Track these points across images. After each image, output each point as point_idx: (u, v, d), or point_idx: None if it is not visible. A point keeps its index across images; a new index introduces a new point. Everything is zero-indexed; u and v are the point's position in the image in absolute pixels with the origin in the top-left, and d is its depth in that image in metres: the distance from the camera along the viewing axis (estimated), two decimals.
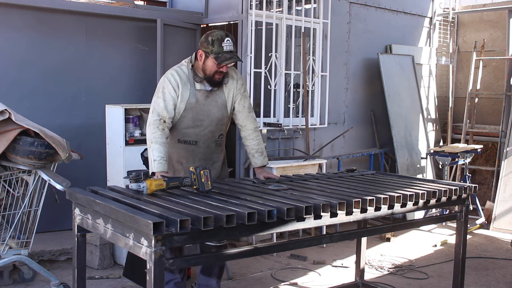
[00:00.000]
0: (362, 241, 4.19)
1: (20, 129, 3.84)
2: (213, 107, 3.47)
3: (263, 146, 3.69)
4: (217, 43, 3.30)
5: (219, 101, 3.49)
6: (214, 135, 3.52)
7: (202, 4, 6.28)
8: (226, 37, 3.31)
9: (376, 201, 2.87)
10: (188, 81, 3.40)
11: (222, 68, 3.35)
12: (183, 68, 3.46)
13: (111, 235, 2.49)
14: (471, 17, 8.07)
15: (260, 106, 5.94)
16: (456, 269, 3.62)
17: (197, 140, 3.48)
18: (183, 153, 3.50)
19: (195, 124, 3.44)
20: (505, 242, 6.03)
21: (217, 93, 3.49)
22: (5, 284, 4.23)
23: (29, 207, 4.07)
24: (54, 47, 5.40)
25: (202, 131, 3.47)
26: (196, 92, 3.41)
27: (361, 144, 6.98)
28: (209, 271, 3.65)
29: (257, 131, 3.67)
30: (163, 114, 3.34)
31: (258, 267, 4.96)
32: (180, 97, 3.37)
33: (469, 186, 3.48)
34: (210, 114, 3.46)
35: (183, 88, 3.38)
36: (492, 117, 7.73)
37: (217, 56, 3.30)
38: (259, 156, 3.64)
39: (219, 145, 3.59)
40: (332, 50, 6.44)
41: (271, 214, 2.46)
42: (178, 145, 3.50)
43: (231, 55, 3.32)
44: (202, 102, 3.43)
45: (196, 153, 3.49)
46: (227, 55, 3.30)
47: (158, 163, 3.20)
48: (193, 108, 3.41)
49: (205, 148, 3.51)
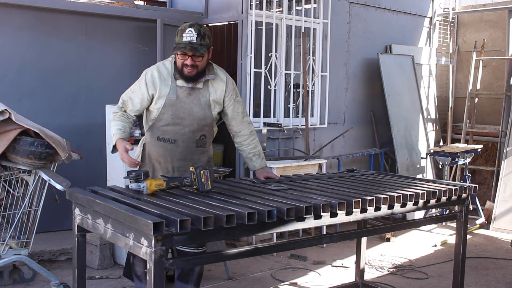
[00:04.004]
0: (362, 241, 4.19)
1: (20, 129, 3.84)
2: (195, 106, 3.34)
3: (260, 149, 3.61)
4: (179, 34, 3.20)
5: (202, 100, 3.36)
6: (195, 135, 3.38)
7: (202, 4, 6.28)
8: (189, 27, 3.18)
9: (376, 201, 2.87)
10: (170, 77, 3.30)
11: (185, 60, 3.19)
12: (166, 63, 3.36)
13: (111, 235, 2.49)
14: (471, 17, 8.07)
15: (260, 106, 5.94)
16: (456, 269, 3.62)
17: (176, 139, 3.36)
18: (162, 152, 3.39)
19: (174, 121, 3.33)
20: (505, 242, 6.03)
21: (201, 92, 3.35)
22: (5, 284, 4.23)
23: (29, 207, 4.07)
24: (54, 47, 5.40)
25: (181, 130, 3.35)
26: (177, 89, 3.30)
27: (361, 144, 6.98)
28: (186, 278, 3.45)
29: (253, 135, 3.58)
30: (126, 104, 3.35)
31: (258, 267, 4.96)
32: (157, 94, 3.28)
33: (469, 186, 3.48)
34: (192, 113, 3.34)
35: (161, 84, 3.28)
36: (492, 117, 7.73)
37: (175, 46, 3.20)
38: (256, 159, 3.56)
39: (201, 146, 3.43)
40: (332, 50, 6.44)
41: (271, 214, 2.46)
42: (157, 143, 3.39)
43: (187, 45, 3.15)
44: (183, 99, 3.31)
45: (174, 152, 3.38)
46: (181, 45, 3.16)
47: (116, 134, 3.22)
48: (173, 104, 3.30)
49: (184, 148, 3.38)
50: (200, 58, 3.21)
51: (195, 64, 3.21)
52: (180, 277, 3.49)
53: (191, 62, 3.20)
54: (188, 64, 3.20)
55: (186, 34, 3.16)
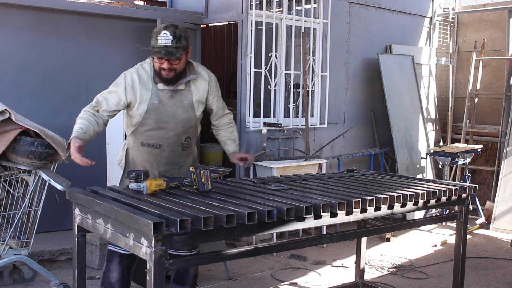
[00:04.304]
0: (362, 241, 4.19)
1: (20, 129, 3.84)
2: (179, 108, 3.24)
3: (236, 135, 3.61)
4: (154, 36, 3.09)
5: (185, 102, 3.26)
6: (180, 138, 3.30)
7: (202, 4, 6.28)
8: (164, 29, 3.06)
9: (376, 201, 2.87)
10: (150, 81, 3.18)
11: (162, 64, 3.09)
12: (145, 66, 3.24)
13: (111, 235, 2.49)
14: (471, 17, 8.07)
15: (260, 106, 5.94)
16: (456, 269, 3.62)
17: (161, 144, 3.27)
18: (147, 157, 3.30)
19: (158, 126, 3.23)
20: (505, 242, 6.03)
21: (184, 93, 3.25)
22: (5, 284, 4.23)
23: (29, 207, 4.07)
24: (54, 47, 5.40)
25: (166, 134, 3.25)
26: (159, 92, 3.19)
27: (361, 144, 6.98)
28: (182, 280, 3.41)
29: (231, 124, 3.59)
30: (100, 104, 3.20)
31: (258, 267, 4.96)
32: (138, 99, 3.16)
33: (469, 186, 3.48)
34: (175, 116, 3.24)
35: (142, 89, 3.16)
36: (492, 117, 7.73)
37: (150, 49, 3.09)
38: (231, 143, 3.57)
39: (186, 148, 3.37)
40: (332, 50, 6.44)
41: (271, 214, 2.46)
42: (141, 148, 3.31)
43: (163, 49, 3.03)
44: (166, 102, 3.20)
45: (160, 157, 3.29)
46: (156, 49, 3.05)
47: (75, 132, 3.04)
48: (156, 109, 3.19)
49: (170, 152, 3.30)
50: (178, 61, 3.10)
51: (172, 67, 3.11)
52: (175, 279, 3.44)
53: (169, 66, 3.10)
54: (166, 67, 3.10)
55: (161, 37, 3.05)
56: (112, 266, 3.34)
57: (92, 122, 3.14)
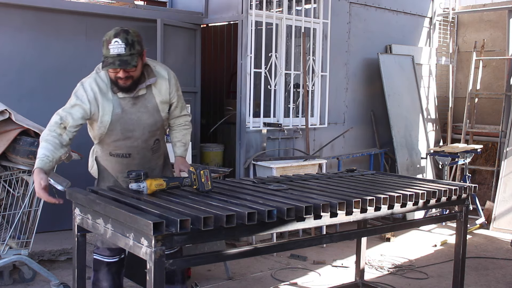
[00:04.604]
0: (362, 241, 4.19)
1: (20, 129, 3.85)
2: (143, 114, 3.09)
3: (188, 139, 3.42)
4: (105, 45, 2.88)
5: (149, 106, 3.10)
6: (149, 143, 3.19)
7: (202, 4, 6.28)
8: (114, 37, 2.85)
9: (376, 201, 2.87)
10: (109, 90, 3.01)
11: (117, 73, 2.90)
12: (102, 75, 3.04)
13: (111, 235, 2.49)
14: (471, 17, 8.07)
15: (260, 106, 5.94)
16: (456, 269, 3.62)
17: (130, 152, 3.16)
18: (118, 167, 3.21)
19: (125, 136, 3.09)
20: (505, 242, 6.03)
21: (146, 97, 3.08)
22: (5, 284, 4.23)
23: (29, 207, 4.07)
24: (54, 47, 5.40)
25: (134, 142, 3.13)
26: (121, 101, 3.02)
27: (361, 144, 6.98)
28: (172, 279, 3.35)
29: (186, 126, 3.40)
30: (66, 120, 2.97)
31: (258, 267, 4.96)
32: (101, 111, 2.99)
33: (469, 186, 3.48)
34: (141, 122, 3.09)
35: (103, 100, 2.99)
36: (492, 117, 7.73)
37: (103, 60, 2.89)
38: (181, 146, 3.38)
39: (156, 151, 3.27)
40: (332, 50, 6.44)
41: (271, 214, 2.46)
42: (110, 158, 3.20)
43: (116, 59, 2.84)
44: (129, 110, 3.04)
45: (131, 165, 3.16)
46: (110, 60, 2.85)
47: (40, 160, 2.82)
48: (120, 119, 3.03)
49: (141, 159, 3.19)
50: (134, 69, 2.92)
51: (129, 75, 2.93)
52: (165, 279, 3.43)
53: (125, 74, 2.92)
54: (122, 76, 2.92)
55: (113, 46, 2.84)
56: (101, 275, 3.29)
57: (57, 146, 2.92)
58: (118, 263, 3.33)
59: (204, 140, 6.58)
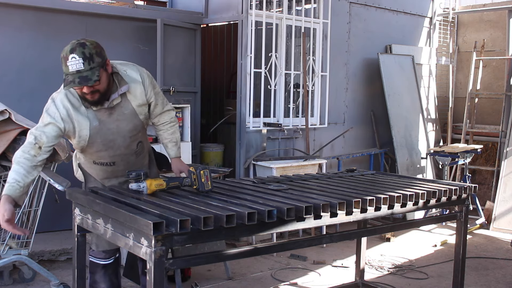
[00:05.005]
0: (362, 241, 4.19)
1: (20, 129, 3.85)
2: (122, 122, 2.98)
3: (178, 136, 3.34)
4: (63, 62, 2.75)
5: (126, 112, 2.99)
6: (132, 148, 3.10)
7: (202, 4, 6.28)
8: (71, 53, 2.72)
9: (376, 201, 2.87)
10: (81, 105, 2.88)
11: (82, 89, 2.78)
12: (72, 90, 2.90)
13: (111, 235, 2.49)
14: (471, 17, 8.07)
15: (260, 106, 5.94)
16: (456, 269, 3.62)
17: (114, 161, 3.09)
18: (103, 174, 3.16)
19: (107, 146, 3.00)
20: (505, 242, 6.03)
21: (122, 105, 2.96)
22: (5, 284, 4.23)
23: (29, 207, 4.07)
24: (54, 47, 5.39)
25: (117, 151, 3.05)
26: (96, 113, 2.90)
27: (361, 144, 6.98)
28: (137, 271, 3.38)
29: (173, 123, 3.29)
30: (41, 139, 2.83)
31: (258, 267, 4.96)
32: (77, 127, 2.88)
33: (469, 186, 3.48)
34: (121, 130, 2.99)
35: (77, 116, 2.87)
36: (492, 117, 7.73)
37: (64, 78, 2.76)
38: (173, 146, 3.29)
39: (140, 153, 3.20)
40: (332, 50, 6.44)
41: (271, 214, 2.46)
42: (94, 166, 3.14)
43: (76, 76, 2.71)
44: (106, 121, 2.94)
45: (116, 171, 3.13)
46: (70, 78, 2.73)
47: (9, 186, 2.68)
48: (99, 131, 2.93)
49: (125, 165, 3.12)
50: (97, 83, 2.77)
51: (94, 89, 2.80)
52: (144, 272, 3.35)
53: (89, 90, 2.78)
54: (87, 92, 2.79)
55: (71, 63, 2.71)
56: (97, 277, 3.29)
57: (30, 169, 2.77)
58: (113, 264, 3.33)
59: (204, 140, 6.58)
